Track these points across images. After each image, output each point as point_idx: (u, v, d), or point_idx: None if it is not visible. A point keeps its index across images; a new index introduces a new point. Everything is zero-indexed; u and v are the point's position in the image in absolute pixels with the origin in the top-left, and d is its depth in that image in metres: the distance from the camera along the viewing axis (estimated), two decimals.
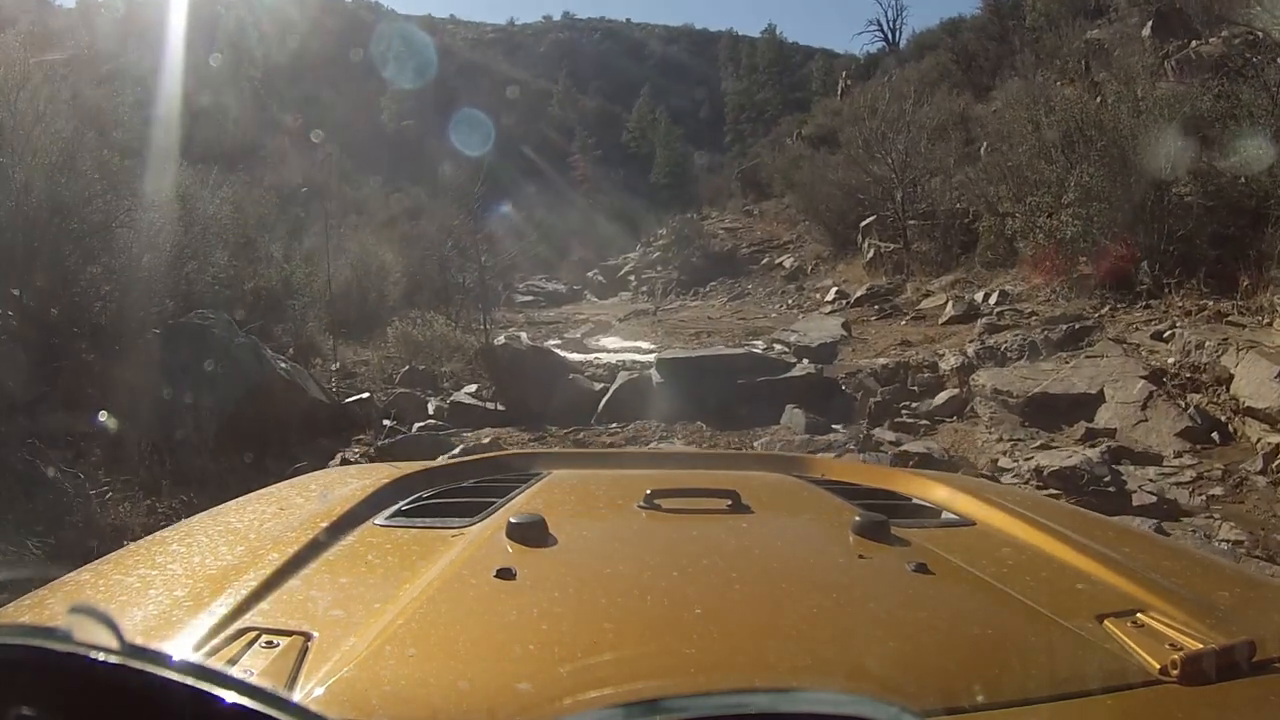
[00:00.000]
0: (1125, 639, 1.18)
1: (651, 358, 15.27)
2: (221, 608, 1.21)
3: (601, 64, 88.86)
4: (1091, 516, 2.15)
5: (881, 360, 13.30)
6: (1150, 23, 20.45)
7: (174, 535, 1.73)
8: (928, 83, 25.15)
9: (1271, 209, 12.52)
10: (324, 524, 1.61)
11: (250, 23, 45.70)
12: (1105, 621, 1.23)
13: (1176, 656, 1.10)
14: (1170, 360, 10.74)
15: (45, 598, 1.39)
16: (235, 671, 1.03)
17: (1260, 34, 14.38)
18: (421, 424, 12.06)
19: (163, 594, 1.32)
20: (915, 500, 2.03)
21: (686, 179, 57.58)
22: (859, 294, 19.75)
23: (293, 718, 0.61)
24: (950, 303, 15.99)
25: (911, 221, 21.19)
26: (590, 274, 37.47)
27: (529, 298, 32.64)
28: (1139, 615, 1.25)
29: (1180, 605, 1.28)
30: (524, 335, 16.88)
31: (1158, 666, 1.10)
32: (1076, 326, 12.38)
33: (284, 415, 11.09)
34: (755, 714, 0.70)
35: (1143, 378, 10.34)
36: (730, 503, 1.71)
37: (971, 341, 13.27)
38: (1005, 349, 12.15)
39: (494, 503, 1.80)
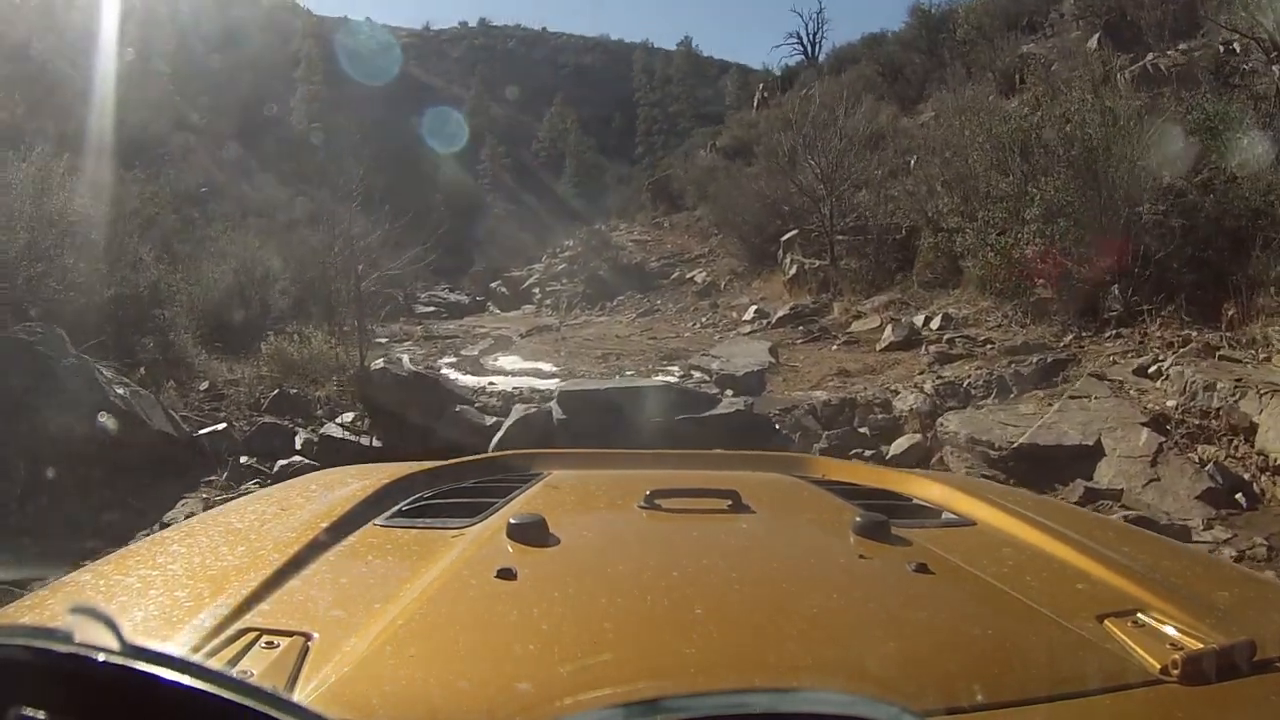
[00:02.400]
0: (1125, 639, 1.16)
1: (553, 384, 13.52)
2: (221, 608, 1.18)
3: (515, 72, 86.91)
4: (1091, 516, 2.20)
5: (819, 394, 11.19)
6: (1097, 35, 18.90)
7: (174, 535, 1.73)
8: (853, 94, 23.30)
9: (1256, 231, 11.12)
10: (324, 524, 1.57)
11: (164, 17, 42.77)
12: (1105, 621, 1.21)
13: (1177, 656, 1.07)
14: (1171, 404, 8.90)
15: (45, 598, 1.39)
16: (235, 671, 1.01)
17: (1250, 40, 12.61)
18: (286, 461, 10.17)
19: (163, 594, 1.30)
20: (915, 500, 1.99)
21: (597, 189, 55.58)
22: (781, 313, 17.87)
23: (293, 718, 0.60)
24: (889, 326, 14.03)
25: (840, 236, 19.37)
26: (494, 285, 35.83)
27: (430, 309, 31.32)
28: (1139, 615, 1.23)
29: (1180, 605, 1.25)
30: (406, 358, 14.57)
31: (1158, 666, 1.08)
32: (1049, 360, 10.50)
33: (118, 453, 9.19)
34: (755, 714, 0.69)
35: (1144, 425, 8.54)
36: (730, 503, 1.68)
37: (923, 373, 11.31)
38: (968, 385, 10.15)
39: (494, 503, 1.76)
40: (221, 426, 10.73)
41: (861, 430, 9.78)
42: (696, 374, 13.42)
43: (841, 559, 1.49)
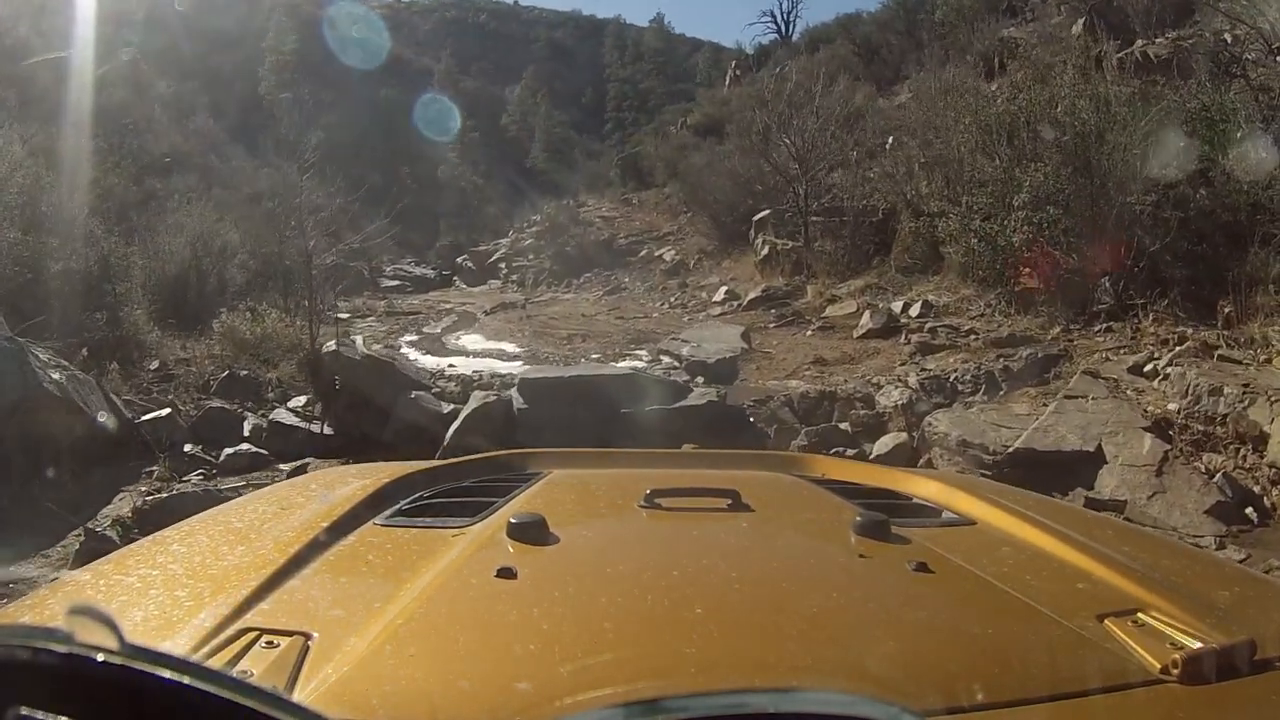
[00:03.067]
0: (1125, 638, 1.15)
1: (515, 367, 12.96)
2: (222, 608, 1.17)
3: (486, 45, 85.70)
4: (1092, 516, 2.15)
5: (795, 383, 10.50)
6: (1083, 20, 18.19)
7: (174, 535, 1.68)
8: (829, 73, 22.58)
9: (1255, 226, 10.49)
10: (324, 524, 1.55)
11: None
12: (1105, 621, 1.19)
13: (1177, 656, 1.06)
14: (1173, 407, 8.25)
15: (45, 598, 1.40)
16: (235, 671, 1.00)
17: (1251, 29, 11.95)
18: (233, 450, 9.52)
19: (163, 594, 1.29)
20: (916, 499, 1.97)
21: (565, 165, 54.85)
22: (753, 295, 17.21)
23: (293, 718, 0.59)
24: (866, 313, 13.33)
25: (814, 217, 18.65)
26: (460, 259, 35.49)
27: (395, 283, 31.33)
28: (1139, 615, 1.21)
29: (1181, 605, 1.24)
30: (359, 340, 13.64)
31: (1158, 666, 1.07)
32: (1040, 354, 9.83)
33: (52, 441, 8.50)
34: (755, 714, 0.68)
35: (1146, 430, 7.86)
36: (730, 502, 1.65)
37: (905, 364, 10.63)
38: (955, 379, 9.47)
39: (494, 502, 1.73)
40: (165, 412, 9.99)
41: (842, 426, 9.06)
42: (665, 359, 12.71)
43: (841, 558, 1.48)
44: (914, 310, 13.09)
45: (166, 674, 0.57)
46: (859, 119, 21.08)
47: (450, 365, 13.77)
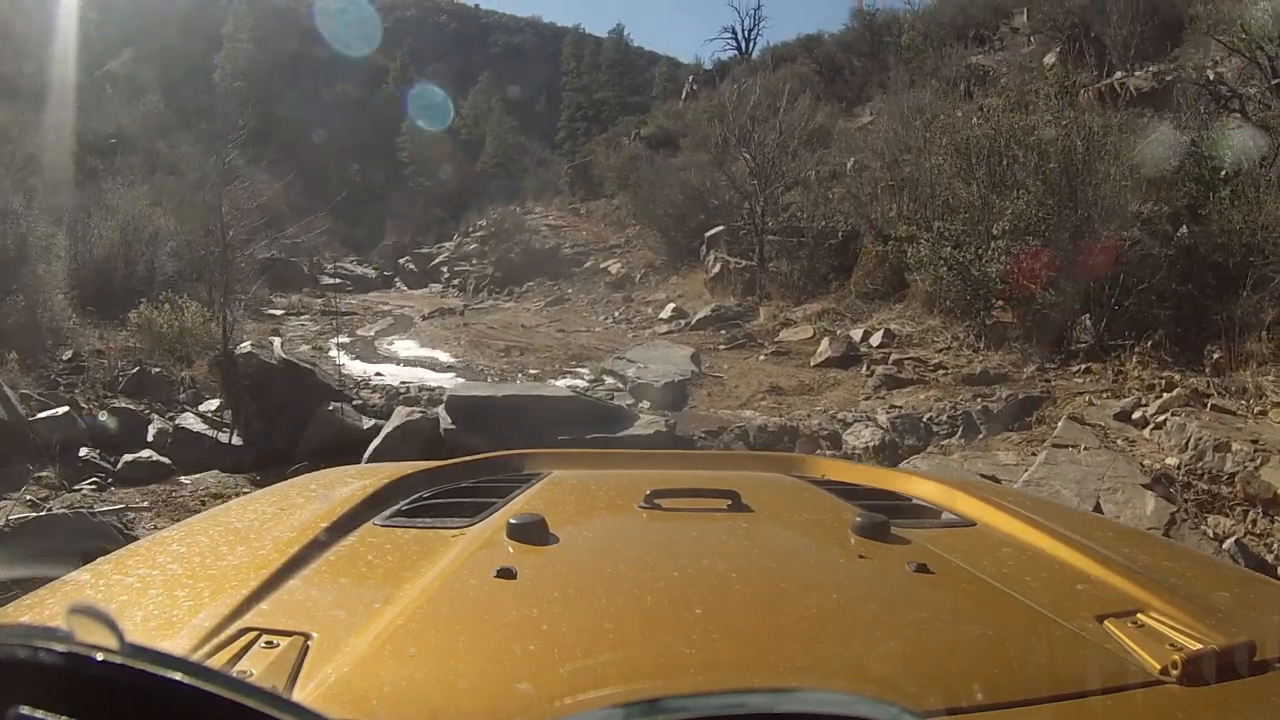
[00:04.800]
0: (1125, 639, 1.13)
1: (447, 379, 12.11)
2: (221, 608, 1.15)
3: (444, 46, 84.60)
4: (1092, 517, 2.43)
5: (750, 413, 9.46)
6: (1057, 51, 17.46)
7: (174, 535, 1.67)
8: (791, 91, 21.77)
9: (1248, 268, 9.83)
10: (324, 524, 1.52)
11: None
12: (1105, 622, 1.18)
13: (1177, 657, 1.05)
14: (1172, 461, 7.36)
15: (45, 598, 1.33)
16: (235, 671, 0.99)
17: (1251, 62, 11.18)
18: (133, 456, 8.58)
19: (163, 594, 1.27)
20: (915, 500, 1.95)
21: (515, 170, 53.53)
22: (702, 314, 16.31)
23: (292, 717, 0.59)
24: (825, 339, 12.39)
25: (771, 236, 17.68)
26: (403, 261, 35.38)
27: (336, 281, 30.93)
28: (1139, 615, 1.20)
29: (1180, 605, 1.22)
30: (278, 342, 12.51)
31: (1158, 667, 1.05)
32: (1020, 396, 8.92)
33: None
34: (755, 714, 0.68)
35: (1146, 487, 6.90)
36: (730, 503, 1.63)
37: (869, 399, 9.70)
38: (930, 419, 8.51)
39: (494, 503, 1.72)
40: (63, 411, 8.95)
41: None
42: (609, 380, 11.69)
43: (841, 559, 1.45)
44: (875, 339, 12.20)
45: (166, 674, 0.56)
46: (822, 138, 20.44)
47: (377, 374, 12.87)
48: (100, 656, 0.56)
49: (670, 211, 22.25)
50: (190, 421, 9.54)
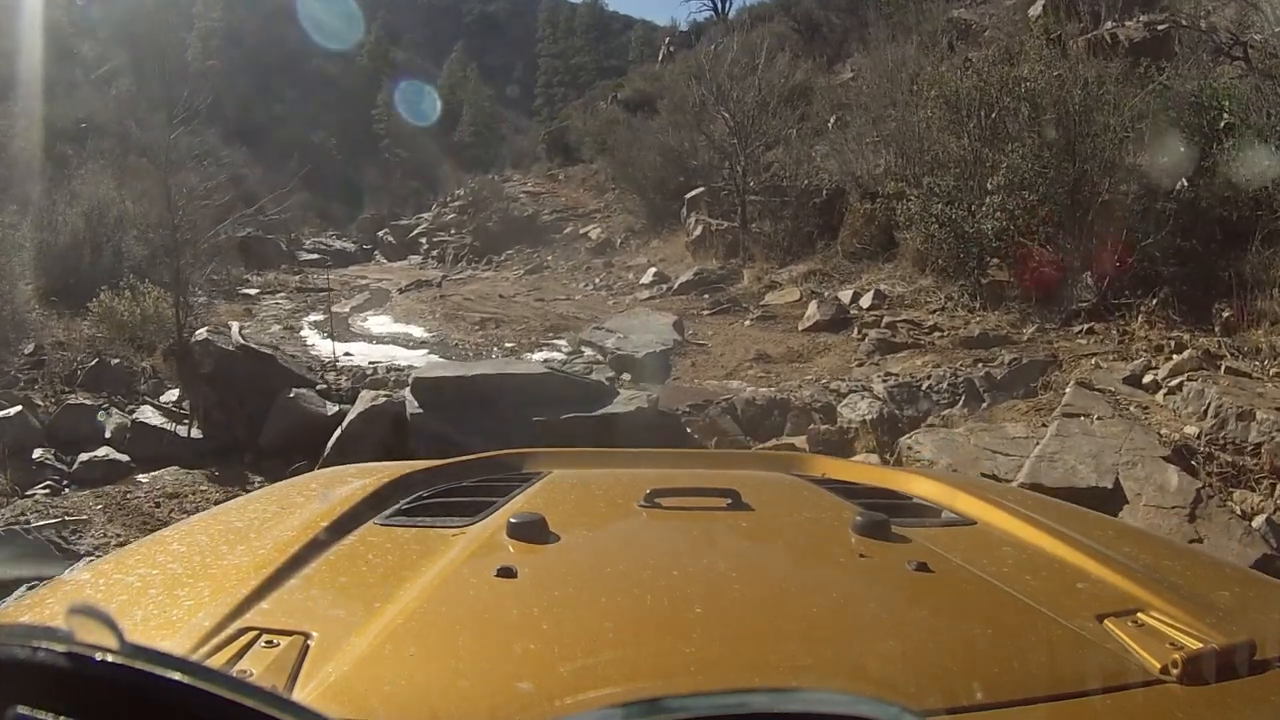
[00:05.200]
0: (1125, 639, 1.12)
1: (419, 355, 11.80)
2: (221, 608, 1.14)
3: (418, 17, 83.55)
4: (1092, 516, 2.13)
5: (737, 384, 8.91)
6: (1042, 2, 16.76)
7: (174, 535, 1.68)
8: (769, 49, 21.12)
9: (1256, 223, 9.27)
10: (324, 523, 1.51)
11: None
12: (1105, 621, 1.17)
13: (1177, 656, 1.03)
14: (1191, 430, 6.84)
15: (45, 597, 1.37)
16: (235, 671, 0.99)
17: (1255, 8, 10.54)
18: (89, 455, 8.18)
19: (163, 594, 1.27)
20: (916, 499, 1.92)
21: (492, 139, 53.37)
22: (684, 278, 15.69)
23: (292, 717, 0.59)
24: (813, 302, 11.78)
25: (752, 197, 17.05)
26: (381, 233, 34.94)
27: (314, 256, 30.90)
28: (1139, 615, 1.18)
29: (1181, 605, 1.20)
30: (235, 327, 11.92)
31: (1158, 666, 1.04)
32: (1024, 360, 8.32)
33: None
34: (755, 714, 0.68)
35: (1167, 460, 6.31)
36: (730, 501, 1.61)
37: (862, 365, 9.15)
38: (929, 387, 7.93)
39: (494, 502, 1.69)
40: (14, 411, 8.57)
41: (797, 442, 7.38)
42: (588, 351, 11.12)
43: (841, 558, 1.43)
44: (865, 301, 11.64)
45: (166, 674, 0.56)
46: (803, 94, 19.81)
47: (346, 354, 12.33)
48: (100, 656, 0.55)
49: (649, 174, 21.74)
50: (148, 415, 9.06)
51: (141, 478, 7.95)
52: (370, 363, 11.45)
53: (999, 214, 10.00)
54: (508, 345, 12.42)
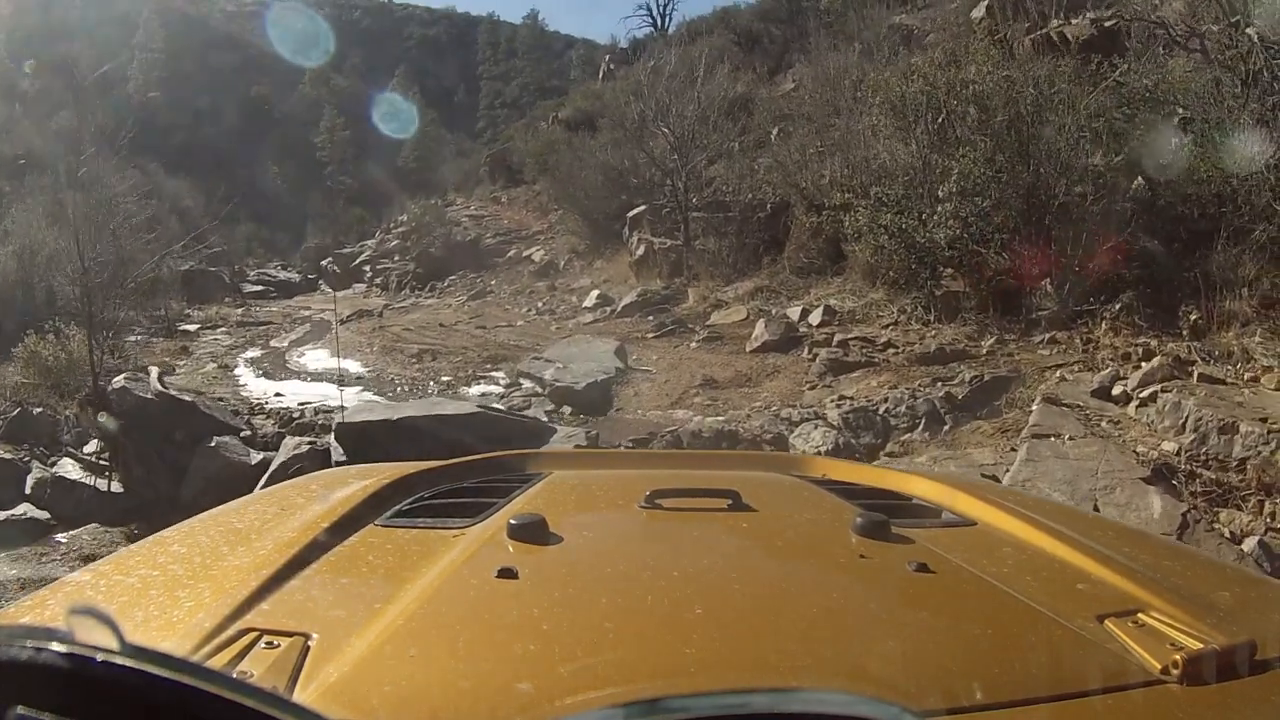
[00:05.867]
0: (1126, 639, 1.09)
1: (352, 394, 11.17)
2: (222, 608, 1.13)
3: (359, 43, 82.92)
4: (1092, 516, 2.21)
5: (683, 413, 8.32)
6: (985, 4, 16.40)
7: (175, 535, 1.61)
8: (708, 62, 20.71)
9: (1220, 221, 8.84)
10: (324, 524, 1.48)
11: None
12: (1106, 621, 1.14)
13: (1177, 657, 1.01)
14: (1169, 447, 6.35)
15: (45, 598, 1.31)
16: (235, 672, 0.97)
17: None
18: (7, 514, 7.80)
19: (163, 594, 1.25)
20: (916, 500, 1.88)
21: (435, 163, 52.32)
22: (628, 300, 15.19)
23: (293, 718, 0.59)
24: (760, 321, 11.20)
25: (695, 213, 16.53)
26: (325, 262, 34.37)
27: (259, 287, 30.63)
28: (1140, 615, 1.16)
29: (1181, 605, 1.18)
30: (154, 373, 11.12)
31: (1158, 666, 1.02)
32: (985, 377, 7.77)
33: None
34: (755, 714, 0.68)
35: (1147, 482, 5.83)
36: (731, 502, 1.57)
37: (815, 388, 8.57)
38: (886, 411, 7.37)
39: (495, 503, 1.66)
40: None
41: None
42: (526, 383, 10.53)
43: (842, 559, 1.40)
44: (814, 317, 11.08)
45: (167, 674, 0.56)
46: (743, 106, 19.46)
47: (277, 394, 11.75)
48: (100, 657, 0.55)
49: (591, 194, 21.29)
50: (68, 469, 8.60)
51: (60, 537, 7.65)
52: (300, 404, 10.87)
53: (951, 222, 9.53)
54: (444, 379, 11.79)
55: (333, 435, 7.75)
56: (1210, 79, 9.19)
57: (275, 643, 1.03)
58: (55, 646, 0.56)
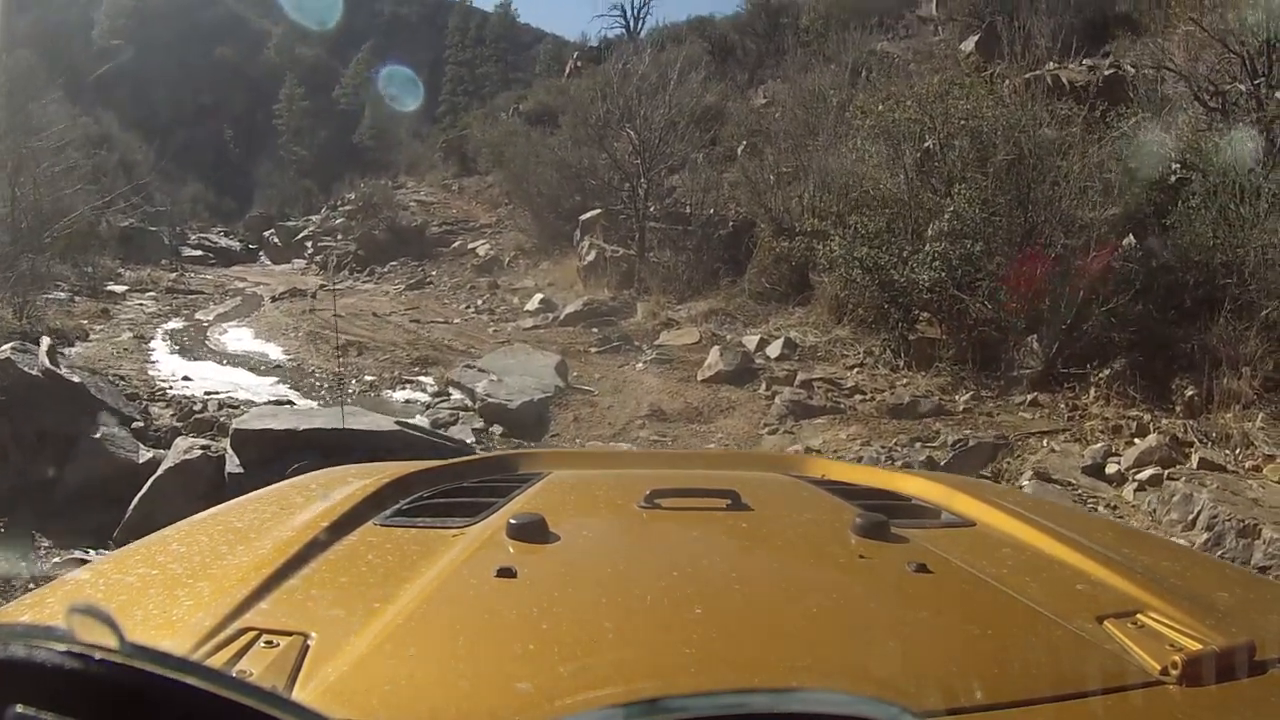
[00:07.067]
0: (1125, 639, 1.09)
1: (268, 384, 10.66)
2: (221, 607, 1.12)
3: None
4: (1091, 517, 2.26)
5: (627, 448, 7.24)
6: (975, 39, 15.70)
7: (174, 535, 1.60)
8: (681, 68, 19.88)
9: (1223, 290, 8.16)
10: (324, 524, 1.47)
11: None
12: (1105, 622, 1.14)
13: (1177, 657, 1.01)
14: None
15: (45, 597, 1.32)
16: (235, 671, 0.97)
17: (1231, 54, 9.46)
18: None
19: (163, 594, 1.24)
20: (915, 500, 1.88)
21: (391, 143, 51.12)
22: (572, 308, 14.25)
23: (292, 717, 0.59)
24: (715, 349, 10.30)
25: (653, 223, 15.62)
26: (268, 234, 33.34)
27: (198, 253, 30.23)
28: (1139, 616, 1.16)
29: (1180, 606, 1.18)
30: (44, 345, 9.72)
31: (1158, 667, 1.01)
32: (970, 442, 6.94)
33: None
34: (755, 714, 0.68)
35: None
36: (730, 502, 1.57)
37: (774, 432, 7.79)
38: None
39: (494, 502, 1.65)
40: None
41: None
42: (455, 394, 9.49)
43: (841, 559, 1.40)
44: (773, 350, 10.26)
45: (166, 673, 0.56)
46: (715, 117, 18.73)
47: (185, 379, 10.57)
48: (100, 656, 0.55)
49: (544, 191, 20.37)
50: None
51: None
52: (206, 393, 9.73)
53: (937, 263, 8.66)
54: (368, 378, 10.68)
55: (229, 444, 6.68)
56: (1231, 140, 8.50)
57: (274, 642, 1.01)
58: (55, 645, 0.55)
